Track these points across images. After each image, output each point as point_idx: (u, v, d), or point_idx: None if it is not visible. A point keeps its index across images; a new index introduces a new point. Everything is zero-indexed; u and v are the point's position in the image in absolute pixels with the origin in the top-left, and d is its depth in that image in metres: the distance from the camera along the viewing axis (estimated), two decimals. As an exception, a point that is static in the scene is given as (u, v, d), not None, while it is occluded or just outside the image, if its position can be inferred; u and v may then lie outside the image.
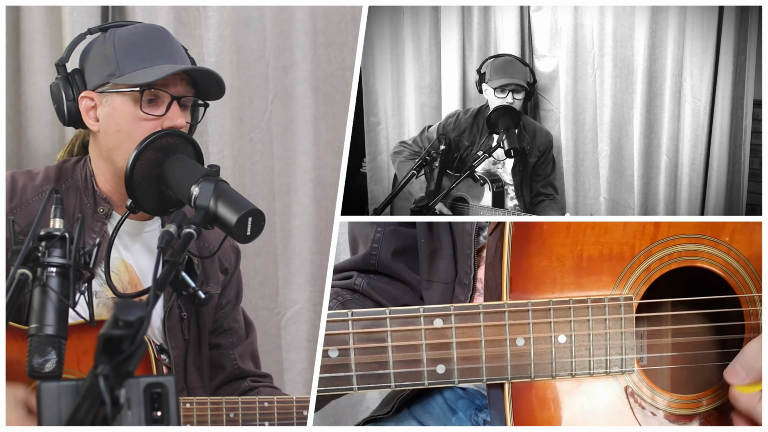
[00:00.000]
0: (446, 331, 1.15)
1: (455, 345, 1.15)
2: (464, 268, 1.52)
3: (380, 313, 1.14)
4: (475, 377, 1.16)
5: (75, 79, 1.67)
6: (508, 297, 1.17)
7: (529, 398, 1.18)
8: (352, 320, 1.13)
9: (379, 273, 1.72)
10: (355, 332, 1.13)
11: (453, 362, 1.15)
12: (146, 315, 0.93)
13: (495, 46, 2.42)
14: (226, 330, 1.88)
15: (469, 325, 1.15)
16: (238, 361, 1.88)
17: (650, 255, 1.21)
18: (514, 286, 1.17)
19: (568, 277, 1.19)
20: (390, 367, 1.14)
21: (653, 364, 1.31)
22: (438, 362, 1.15)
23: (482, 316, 1.16)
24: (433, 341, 1.15)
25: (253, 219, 1.40)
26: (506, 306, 1.16)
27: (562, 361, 1.18)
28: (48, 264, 1.19)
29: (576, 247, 1.19)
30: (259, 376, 1.92)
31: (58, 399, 1.01)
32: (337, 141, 2.43)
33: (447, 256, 1.58)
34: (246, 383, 1.87)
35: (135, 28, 1.71)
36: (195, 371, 1.79)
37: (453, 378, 1.16)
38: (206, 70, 1.68)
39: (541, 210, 2.24)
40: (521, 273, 1.18)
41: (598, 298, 1.18)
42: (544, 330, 1.17)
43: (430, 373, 1.15)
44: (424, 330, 1.15)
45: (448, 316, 1.15)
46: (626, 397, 1.20)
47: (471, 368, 1.16)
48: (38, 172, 1.74)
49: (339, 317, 1.13)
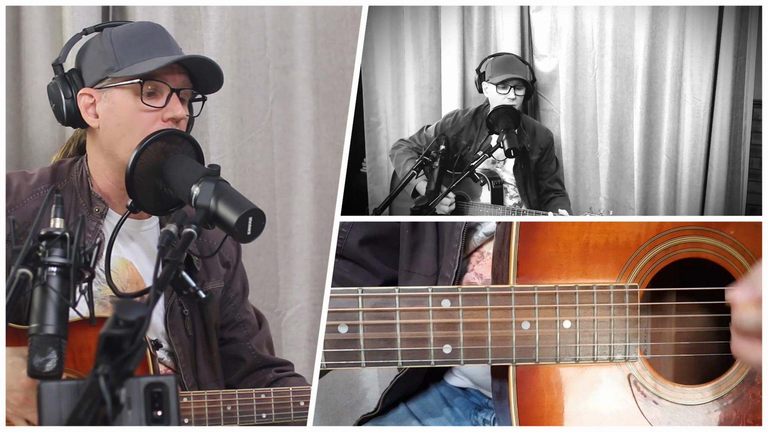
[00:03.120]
0: (453, 311, 1.17)
1: (462, 326, 1.17)
2: (448, 262, 1.53)
3: (389, 291, 1.16)
4: (480, 358, 1.18)
5: (72, 78, 1.68)
6: (515, 281, 1.18)
7: (533, 382, 1.19)
8: (362, 297, 1.15)
9: (344, 258, 1.74)
10: (364, 310, 1.15)
11: (459, 342, 1.17)
12: (146, 314, 0.93)
13: (495, 46, 2.43)
14: (239, 323, 1.88)
15: (476, 307, 1.17)
16: (257, 350, 1.89)
17: (655, 245, 1.21)
18: (521, 271, 1.19)
19: (574, 263, 1.20)
20: (398, 345, 1.16)
21: (656, 354, 1.31)
22: (445, 342, 1.17)
23: (489, 298, 1.17)
24: (440, 321, 1.17)
25: (253, 219, 1.41)
26: (513, 289, 1.18)
27: (566, 346, 1.19)
28: (48, 264, 1.19)
29: (582, 234, 1.20)
30: (281, 364, 1.92)
31: (59, 399, 1.01)
32: (338, 141, 2.43)
33: (430, 249, 1.59)
34: (271, 374, 1.88)
35: (131, 25, 1.74)
36: (206, 366, 1.80)
37: (459, 358, 1.17)
38: (204, 59, 1.70)
39: (553, 207, 2.25)
40: (528, 258, 1.19)
41: (604, 286, 1.20)
42: (549, 314, 1.19)
43: (436, 352, 1.17)
44: (432, 310, 1.16)
45: (455, 296, 1.17)
46: (629, 385, 1.21)
47: (477, 349, 1.17)
48: (33, 173, 1.75)
49: (348, 293, 1.15)
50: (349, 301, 1.14)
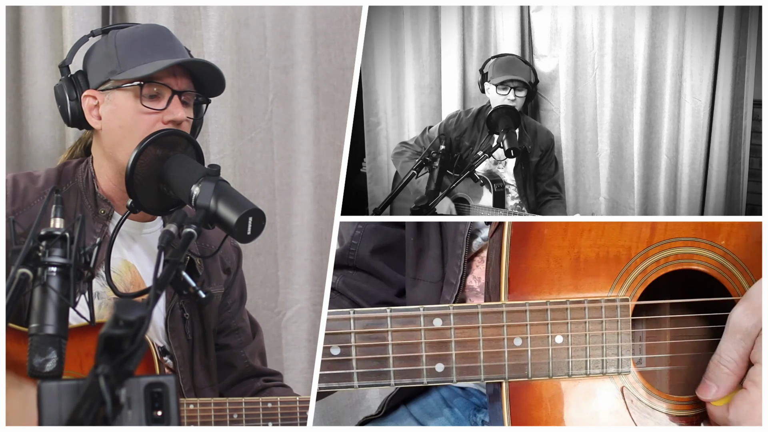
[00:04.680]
0: (445, 330, 1.17)
1: (454, 344, 1.16)
2: (453, 268, 1.53)
3: (381, 312, 1.16)
4: (473, 376, 1.18)
5: (78, 80, 1.70)
6: (506, 298, 1.18)
7: (526, 397, 1.19)
8: (353, 318, 1.15)
9: (357, 269, 1.74)
10: (356, 331, 1.14)
11: (452, 361, 1.17)
12: (147, 315, 0.93)
13: (495, 46, 2.43)
14: (234, 330, 1.89)
15: (468, 325, 1.17)
16: (249, 359, 1.89)
17: (646, 257, 1.21)
18: (512, 287, 1.19)
19: (565, 278, 1.19)
20: (390, 365, 1.15)
21: (651, 366, 1.31)
22: (437, 361, 1.16)
23: (481, 316, 1.17)
24: (432, 340, 1.16)
25: (253, 218, 1.41)
26: (504, 306, 1.17)
27: (558, 361, 1.19)
28: (48, 264, 1.19)
29: (573, 249, 1.19)
30: (270, 374, 1.93)
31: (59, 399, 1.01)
32: (337, 141, 2.43)
33: (434, 255, 1.59)
34: (259, 383, 1.88)
35: (137, 28, 1.74)
36: (203, 371, 1.80)
37: (452, 376, 1.17)
38: (205, 62, 1.70)
39: (548, 210, 2.25)
40: (519, 274, 1.19)
41: (595, 300, 1.19)
42: (541, 330, 1.18)
43: (429, 371, 1.17)
44: (423, 330, 1.16)
45: (447, 316, 1.17)
46: (622, 398, 1.21)
47: (469, 367, 1.17)
48: (39, 174, 1.75)
49: (341, 315, 1.14)
50: (341, 323, 1.14)
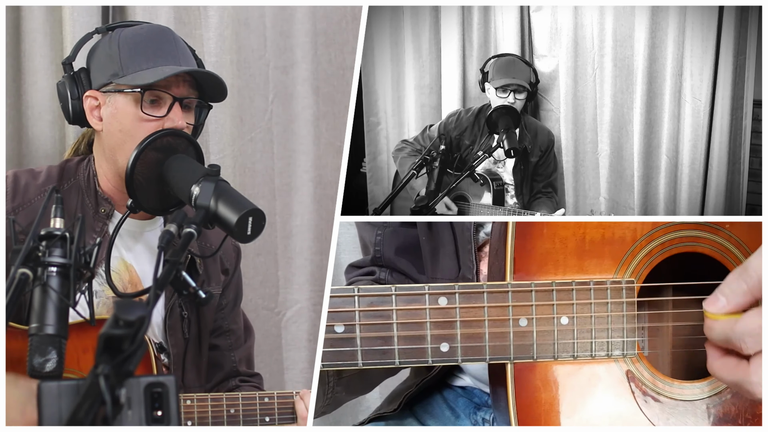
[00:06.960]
0: (450, 310, 1.16)
1: (459, 324, 1.16)
2: (467, 263, 1.53)
3: (386, 290, 1.15)
4: (478, 356, 1.17)
5: (80, 78, 1.69)
6: (511, 278, 1.18)
7: (531, 379, 1.19)
8: (358, 296, 1.14)
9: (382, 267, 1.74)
10: (361, 309, 1.14)
11: (457, 340, 1.16)
12: (146, 315, 0.93)
13: (495, 46, 2.43)
14: (226, 331, 1.88)
15: (473, 304, 1.16)
16: (236, 362, 1.89)
17: (652, 240, 1.21)
18: (517, 268, 1.18)
19: (570, 259, 1.19)
20: (394, 344, 1.15)
21: (654, 349, 1.31)
22: (442, 340, 1.16)
23: (486, 295, 1.17)
24: (437, 319, 1.16)
25: (253, 218, 1.41)
26: (510, 286, 1.17)
27: (564, 343, 1.18)
28: (48, 263, 1.19)
29: (579, 230, 1.19)
30: (248, 376, 1.93)
31: (59, 399, 1.01)
32: (337, 141, 2.43)
33: (449, 252, 1.58)
34: (233, 381, 1.89)
35: (141, 29, 1.71)
36: (193, 370, 1.80)
37: (456, 356, 1.17)
38: (208, 73, 1.68)
39: (535, 206, 2.25)
40: (525, 254, 1.18)
41: (601, 281, 1.19)
42: (546, 311, 1.18)
43: (434, 350, 1.16)
44: (428, 308, 1.15)
45: (452, 294, 1.16)
46: (627, 382, 1.21)
47: (474, 347, 1.17)
48: (41, 171, 1.74)
49: (345, 293, 1.14)
50: (345, 301, 1.13)
